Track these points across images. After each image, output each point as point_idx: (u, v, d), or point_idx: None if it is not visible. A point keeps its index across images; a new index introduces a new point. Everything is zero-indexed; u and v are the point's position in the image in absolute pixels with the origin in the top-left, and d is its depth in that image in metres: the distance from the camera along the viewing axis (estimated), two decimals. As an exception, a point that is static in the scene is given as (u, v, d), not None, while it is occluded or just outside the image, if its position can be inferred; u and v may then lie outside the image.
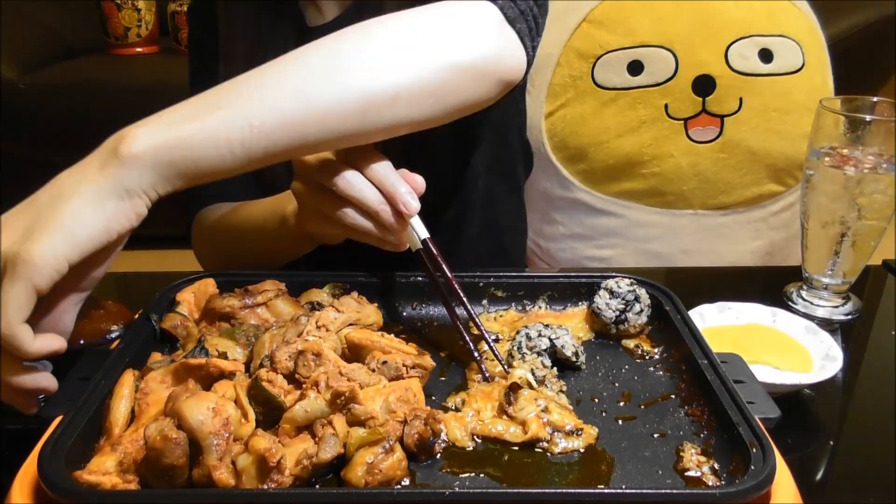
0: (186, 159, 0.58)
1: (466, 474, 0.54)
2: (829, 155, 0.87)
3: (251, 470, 0.50)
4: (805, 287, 0.92)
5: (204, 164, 0.59)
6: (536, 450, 0.57)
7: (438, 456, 0.56)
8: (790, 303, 0.91)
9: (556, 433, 0.58)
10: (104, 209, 0.56)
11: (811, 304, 0.90)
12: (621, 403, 0.63)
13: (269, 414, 0.55)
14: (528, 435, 0.57)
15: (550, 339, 0.67)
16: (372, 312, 0.71)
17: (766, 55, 1.34)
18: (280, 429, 0.54)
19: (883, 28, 2.43)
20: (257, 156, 0.60)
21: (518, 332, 0.69)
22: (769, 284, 0.97)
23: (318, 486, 0.53)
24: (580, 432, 0.58)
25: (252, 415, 0.54)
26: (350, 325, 0.69)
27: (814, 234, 0.89)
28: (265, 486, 0.50)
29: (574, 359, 0.67)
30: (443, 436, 0.57)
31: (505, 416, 0.60)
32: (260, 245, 0.87)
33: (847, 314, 0.88)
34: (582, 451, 0.57)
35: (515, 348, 0.67)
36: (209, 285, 0.73)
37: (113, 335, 0.76)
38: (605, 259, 1.43)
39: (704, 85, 1.34)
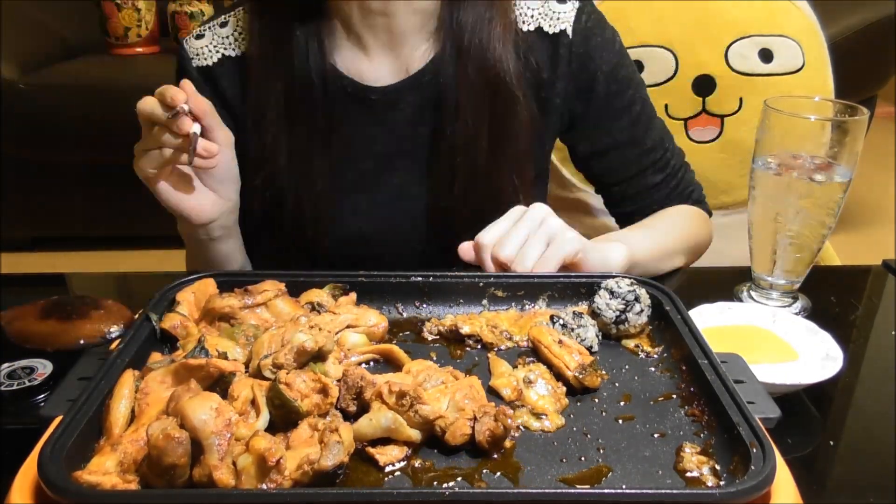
0: None
1: (463, 476, 0.55)
2: (770, 156, 0.88)
3: (251, 470, 0.50)
4: (753, 287, 0.92)
5: None
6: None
7: (435, 451, 0.57)
8: (740, 302, 0.91)
9: (521, 407, 0.62)
10: None
11: (759, 303, 0.90)
12: (621, 403, 0.63)
13: (285, 417, 0.55)
14: (493, 385, 0.64)
15: (578, 335, 0.71)
16: (374, 315, 0.71)
17: (766, 55, 1.34)
18: (293, 432, 0.54)
19: (883, 28, 2.43)
20: None
21: (553, 321, 0.72)
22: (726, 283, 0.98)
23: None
24: (544, 416, 0.60)
25: (266, 414, 0.54)
26: (349, 326, 0.69)
27: (757, 234, 0.90)
28: (264, 486, 0.50)
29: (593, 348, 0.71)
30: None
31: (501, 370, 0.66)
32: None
33: (796, 313, 0.88)
34: (538, 432, 0.59)
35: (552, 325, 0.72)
36: (209, 285, 0.73)
37: (113, 335, 0.76)
38: (605, 259, 1.43)
39: (704, 85, 1.34)
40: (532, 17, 0.96)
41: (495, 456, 0.56)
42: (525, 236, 0.80)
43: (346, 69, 0.95)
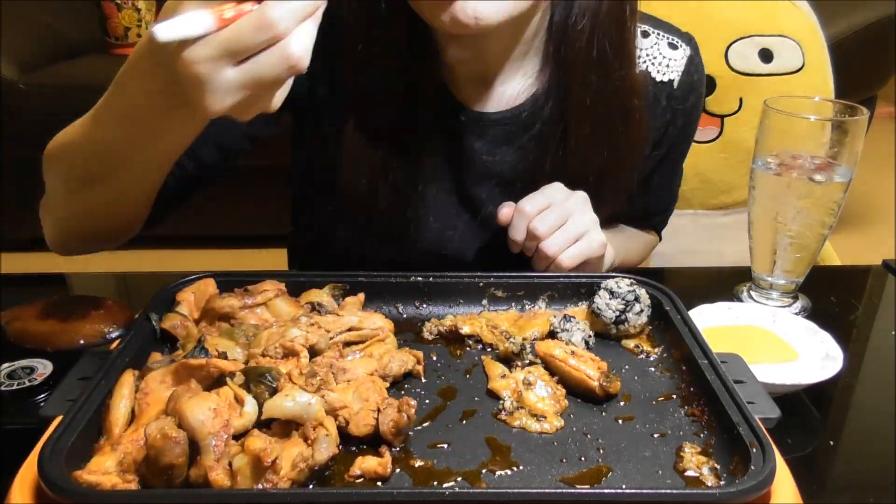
0: None
1: (463, 476, 0.55)
2: (770, 156, 0.88)
3: (246, 470, 0.50)
4: (753, 287, 0.93)
5: None
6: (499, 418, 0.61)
7: (435, 451, 0.56)
8: (740, 302, 0.91)
9: (520, 409, 0.61)
10: None
11: (759, 303, 0.90)
12: (621, 403, 0.63)
13: (274, 392, 0.55)
14: (492, 387, 0.64)
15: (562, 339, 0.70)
16: (379, 318, 0.71)
17: (766, 55, 1.34)
18: (271, 427, 0.54)
19: (883, 28, 2.44)
20: None
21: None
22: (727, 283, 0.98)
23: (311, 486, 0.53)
24: (543, 418, 0.60)
25: (251, 399, 0.54)
26: (350, 329, 0.69)
27: (757, 234, 0.90)
28: (260, 486, 0.50)
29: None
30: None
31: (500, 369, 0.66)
32: (111, 138, 0.72)
33: (796, 313, 0.88)
34: (537, 433, 0.59)
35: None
36: (209, 285, 0.73)
37: (113, 335, 0.76)
38: (605, 259, 1.43)
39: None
40: (640, 57, 0.91)
41: (497, 457, 0.56)
42: (562, 221, 0.81)
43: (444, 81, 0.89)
